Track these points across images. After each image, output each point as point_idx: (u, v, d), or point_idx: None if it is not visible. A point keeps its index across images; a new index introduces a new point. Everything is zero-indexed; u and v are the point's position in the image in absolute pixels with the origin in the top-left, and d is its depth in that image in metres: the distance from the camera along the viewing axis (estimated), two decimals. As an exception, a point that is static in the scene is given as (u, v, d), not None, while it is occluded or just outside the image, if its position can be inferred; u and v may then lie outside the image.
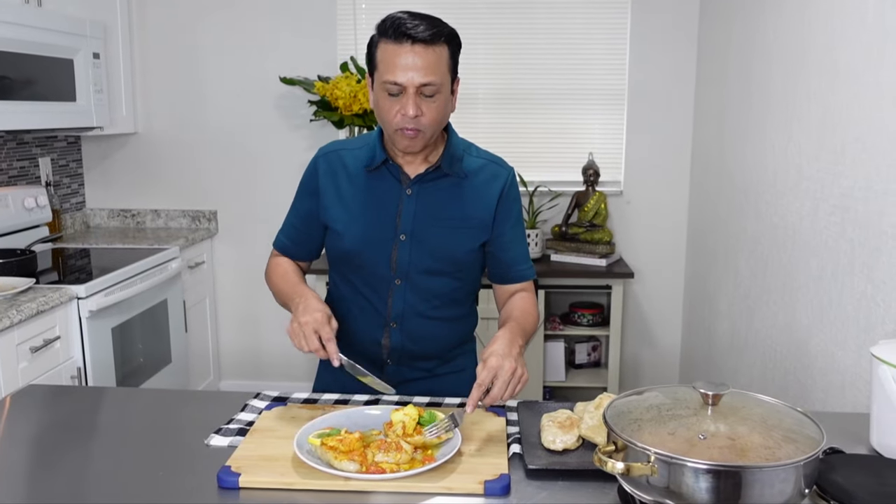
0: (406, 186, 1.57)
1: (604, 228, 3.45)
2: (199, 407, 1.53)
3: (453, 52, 1.48)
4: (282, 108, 3.62)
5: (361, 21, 3.55)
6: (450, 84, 1.50)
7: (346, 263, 1.63)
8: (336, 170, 1.61)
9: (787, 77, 2.31)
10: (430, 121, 1.47)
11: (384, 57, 1.45)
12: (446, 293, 1.63)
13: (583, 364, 3.61)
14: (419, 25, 1.42)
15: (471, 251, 1.61)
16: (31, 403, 1.51)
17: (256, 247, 3.70)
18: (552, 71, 3.53)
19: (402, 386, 1.62)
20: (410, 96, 1.43)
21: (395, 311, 1.60)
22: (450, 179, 1.58)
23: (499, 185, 1.61)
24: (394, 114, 1.46)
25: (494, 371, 1.29)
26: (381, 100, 1.48)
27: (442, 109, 1.49)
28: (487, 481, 1.14)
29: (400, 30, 1.41)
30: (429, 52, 1.42)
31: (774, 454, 0.96)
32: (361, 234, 1.58)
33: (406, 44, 1.41)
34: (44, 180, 3.37)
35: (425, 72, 1.42)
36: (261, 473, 1.16)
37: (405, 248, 1.57)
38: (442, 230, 1.57)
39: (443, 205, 1.58)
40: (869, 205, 1.77)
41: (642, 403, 1.11)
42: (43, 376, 2.34)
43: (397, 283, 1.59)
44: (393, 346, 1.62)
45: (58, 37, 2.80)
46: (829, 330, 1.97)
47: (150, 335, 3.01)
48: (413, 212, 1.56)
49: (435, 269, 1.59)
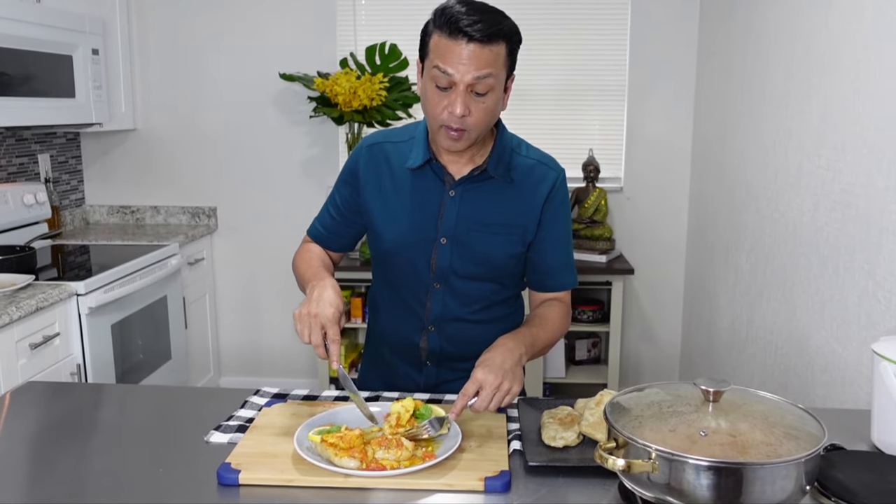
0: (449, 188, 1.50)
1: (604, 225, 3.45)
2: (198, 403, 1.53)
3: (511, 49, 1.39)
4: (281, 104, 3.61)
5: (361, 17, 3.54)
6: (503, 82, 1.41)
7: (385, 263, 1.60)
8: (379, 164, 1.54)
9: (788, 73, 2.31)
10: (477, 121, 1.38)
11: (437, 46, 1.36)
12: (487, 297, 1.57)
13: (583, 360, 3.61)
14: (477, 22, 1.32)
15: (513, 257, 1.54)
16: (30, 400, 1.51)
17: (256, 243, 3.70)
18: (553, 67, 3.52)
19: (440, 386, 1.60)
20: (460, 93, 1.35)
21: (433, 314, 1.56)
22: (495, 182, 1.50)
23: (546, 187, 1.52)
24: (440, 109, 1.38)
25: (479, 384, 1.28)
26: (430, 91, 1.39)
27: (492, 110, 1.40)
28: (488, 478, 1.14)
29: (456, 25, 1.32)
30: (485, 51, 1.33)
31: (776, 451, 0.96)
32: (401, 235, 1.53)
33: (461, 41, 1.32)
34: (43, 177, 3.36)
35: (479, 68, 1.33)
36: (261, 470, 1.16)
37: (445, 251, 1.51)
38: (484, 235, 1.50)
39: (487, 209, 1.50)
40: (870, 201, 1.77)
41: (643, 400, 1.11)
42: (42, 373, 2.33)
43: (436, 286, 1.54)
44: (431, 349, 1.59)
45: (57, 33, 2.79)
46: (829, 326, 1.97)
47: (150, 332, 3.00)
48: (455, 215, 1.50)
49: (476, 274, 1.53)
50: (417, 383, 1.63)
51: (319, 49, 3.54)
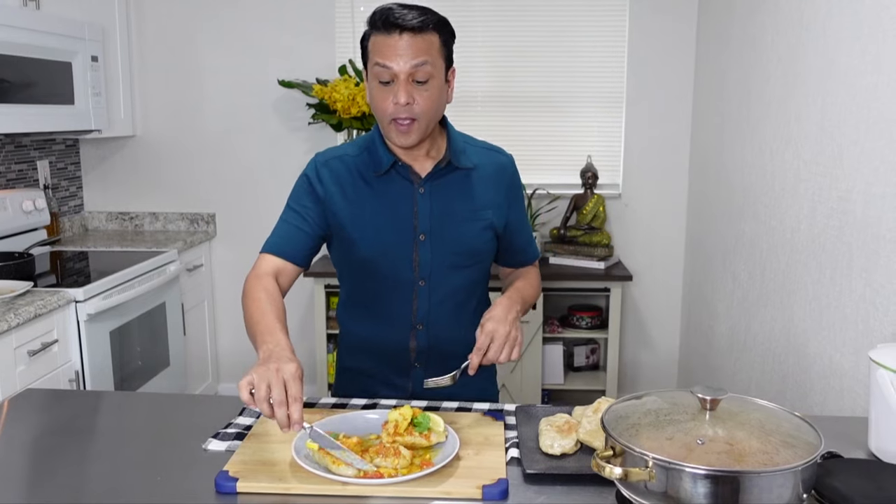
0: (418, 185, 1.55)
1: (602, 231, 3.45)
2: (196, 411, 1.53)
3: (445, 40, 1.48)
4: (280, 111, 3.62)
5: (359, 24, 3.53)
6: (443, 72, 1.49)
7: (363, 271, 1.59)
8: (340, 176, 1.57)
9: (785, 80, 2.32)
10: (423, 109, 1.45)
11: (375, 47, 1.46)
12: (467, 286, 1.63)
13: (581, 367, 3.61)
14: (407, 14, 1.43)
15: (488, 240, 1.62)
16: (28, 407, 1.51)
17: (255, 250, 3.63)
18: (551, 73, 3.53)
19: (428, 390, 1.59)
20: (402, 83, 1.43)
21: (420, 312, 1.59)
22: (459, 173, 1.58)
23: (506, 172, 1.65)
24: (387, 104, 1.45)
25: (491, 335, 1.40)
26: (375, 90, 1.48)
27: (436, 98, 1.47)
28: (485, 486, 1.14)
29: (389, 20, 1.43)
30: (418, 40, 1.43)
31: (772, 459, 0.96)
32: (379, 240, 1.55)
33: (395, 33, 1.42)
34: (42, 183, 3.36)
35: (415, 56, 1.42)
36: (259, 478, 1.16)
37: (426, 247, 1.56)
38: (459, 223, 1.57)
39: (456, 198, 1.58)
40: (867, 208, 1.77)
41: (640, 408, 1.11)
42: (41, 380, 2.33)
43: (421, 284, 1.57)
44: (420, 349, 1.61)
45: (56, 40, 2.80)
46: (827, 333, 1.97)
47: (149, 338, 3.00)
48: (429, 210, 1.55)
49: (457, 263, 1.59)
50: (404, 389, 1.63)
51: (318, 56, 3.55)
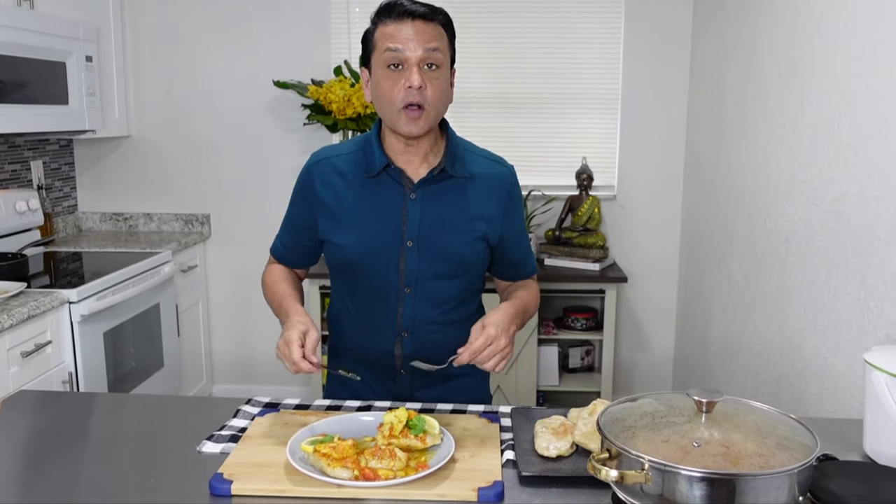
0: (410, 191, 1.52)
1: (597, 233, 3.45)
2: (190, 413, 1.52)
3: (451, 36, 1.49)
4: (275, 111, 3.61)
5: (355, 25, 3.55)
6: (449, 66, 1.49)
7: (350, 275, 1.58)
8: (331, 177, 1.55)
9: (780, 82, 2.32)
10: (433, 97, 1.43)
11: (384, 34, 1.43)
12: (455, 296, 1.59)
13: (576, 368, 3.61)
14: (416, 4, 1.44)
15: (479, 252, 1.57)
16: (21, 409, 1.50)
17: (249, 251, 3.69)
18: (546, 75, 3.53)
19: (415, 394, 1.60)
20: (414, 68, 1.41)
21: (405, 320, 1.56)
22: (454, 181, 1.53)
23: (505, 184, 1.59)
24: (397, 90, 1.42)
25: (491, 340, 1.37)
26: (382, 79, 1.44)
27: (444, 88, 1.46)
28: (481, 488, 1.13)
29: (400, 9, 1.42)
30: (430, 27, 1.43)
31: (768, 462, 0.96)
32: (366, 244, 1.52)
33: (407, 20, 1.42)
34: (36, 183, 3.35)
35: (427, 41, 1.41)
36: (253, 481, 1.16)
37: (413, 254, 1.52)
38: (449, 233, 1.53)
39: (449, 207, 1.53)
40: (861, 210, 1.78)
41: (636, 410, 1.11)
42: (34, 381, 2.32)
43: (406, 291, 1.54)
44: (406, 355, 1.58)
45: (50, 40, 2.79)
46: (822, 335, 1.98)
47: (143, 339, 2.99)
48: (419, 217, 1.51)
49: (444, 272, 1.55)
50: (392, 394, 1.62)
51: (313, 57, 3.55)
